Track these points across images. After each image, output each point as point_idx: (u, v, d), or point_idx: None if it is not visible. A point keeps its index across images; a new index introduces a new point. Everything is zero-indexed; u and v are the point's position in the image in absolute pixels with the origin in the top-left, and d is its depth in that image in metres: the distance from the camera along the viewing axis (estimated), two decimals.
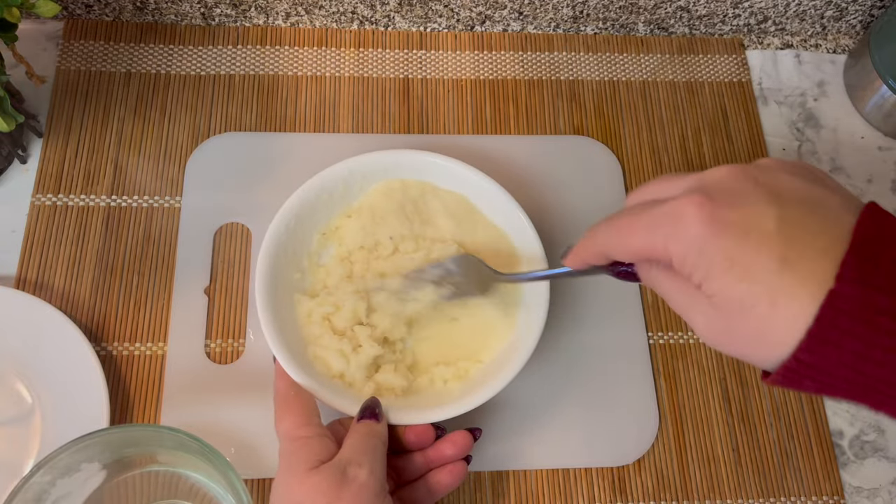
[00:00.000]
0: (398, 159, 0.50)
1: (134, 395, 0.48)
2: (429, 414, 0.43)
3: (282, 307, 0.46)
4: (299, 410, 0.40)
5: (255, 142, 0.56)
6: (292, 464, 0.38)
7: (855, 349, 0.24)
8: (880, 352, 0.24)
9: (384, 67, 0.60)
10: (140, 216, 0.53)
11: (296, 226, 0.48)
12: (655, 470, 0.50)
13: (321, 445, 0.39)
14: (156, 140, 0.56)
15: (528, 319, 0.47)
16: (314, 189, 0.48)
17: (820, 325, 0.24)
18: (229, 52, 0.59)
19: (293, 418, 0.40)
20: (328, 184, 0.49)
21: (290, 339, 0.44)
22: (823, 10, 0.62)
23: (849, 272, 0.24)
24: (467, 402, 0.44)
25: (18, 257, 0.51)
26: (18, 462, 0.45)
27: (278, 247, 0.47)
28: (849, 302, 0.24)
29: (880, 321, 0.24)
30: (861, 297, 0.24)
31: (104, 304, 0.51)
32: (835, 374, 0.25)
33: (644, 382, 0.51)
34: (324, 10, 0.59)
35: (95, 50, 0.58)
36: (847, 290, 0.24)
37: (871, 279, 0.24)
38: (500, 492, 0.48)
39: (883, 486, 0.50)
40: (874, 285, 0.24)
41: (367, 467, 0.37)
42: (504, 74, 0.61)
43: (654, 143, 0.59)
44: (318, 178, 0.49)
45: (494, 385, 0.44)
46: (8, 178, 0.54)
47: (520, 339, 0.46)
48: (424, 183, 0.51)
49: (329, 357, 0.45)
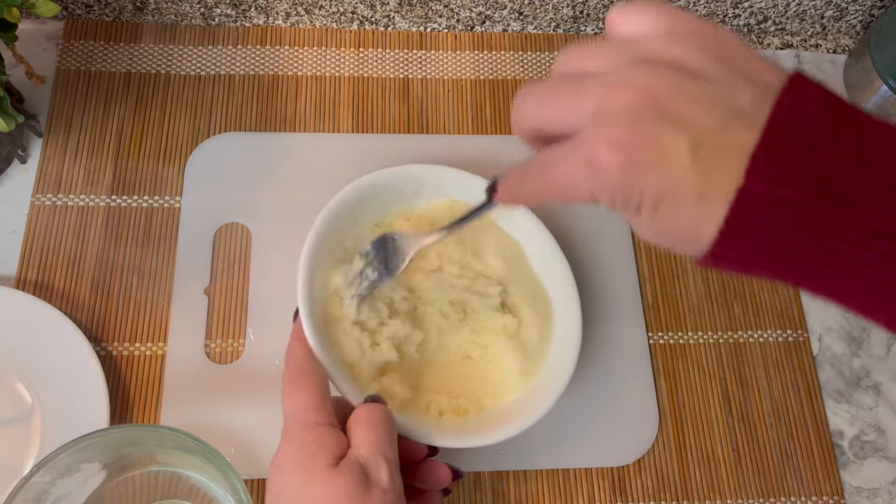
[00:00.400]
0: (474, 184, 0.49)
1: (134, 395, 0.48)
2: (422, 434, 0.42)
3: (317, 276, 0.44)
4: (314, 388, 0.37)
5: (255, 142, 0.56)
6: (308, 458, 0.35)
7: (764, 241, 0.25)
8: (788, 241, 0.25)
9: (384, 67, 0.60)
10: (140, 216, 0.53)
11: (357, 203, 0.47)
12: (655, 470, 0.50)
13: (334, 438, 0.36)
14: (156, 140, 0.56)
15: (544, 386, 0.45)
16: (392, 176, 0.48)
17: (729, 224, 0.25)
18: (229, 52, 0.59)
19: (305, 396, 0.37)
20: (404, 178, 0.48)
21: (315, 307, 0.42)
22: (823, 10, 0.62)
23: (758, 166, 0.24)
24: (457, 441, 0.43)
25: (18, 257, 0.51)
26: (18, 462, 0.45)
27: (339, 212, 0.45)
28: (756, 198, 0.24)
29: (783, 214, 0.24)
30: (766, 191, 0.24)
31: (104, 304, 0.51)
32: (751, 263, 0.26)
33: (644, 382, 0.51)
34: (324, 10, 0.59)
35: (95, 50, 0.58)
36: (755, 185, 0.24)
37: (778, 171, 0.24)
38: (500, 492, 0.48)
39: (883, 486, 0.50)
40: (780, 178, 0.24)
41: (386, 468, 0.35)
42: (504, 74, 0.61)
43: None
44: (400, 169, 0.48)
45: (486, 437, 0.43)
46: (8, 178, 0.54)
47: (528, 401, 0.45)
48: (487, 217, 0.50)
49: (347, 343, 0.44)
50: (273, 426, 0.47)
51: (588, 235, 0.54)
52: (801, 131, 0.24)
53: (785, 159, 0.24)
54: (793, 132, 0.24)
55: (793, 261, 0.25)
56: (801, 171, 0.24)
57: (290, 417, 0.37)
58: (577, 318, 0.47)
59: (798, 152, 0.24)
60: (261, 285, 0.51)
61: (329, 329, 0.44)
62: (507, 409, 0.45)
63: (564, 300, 0.48)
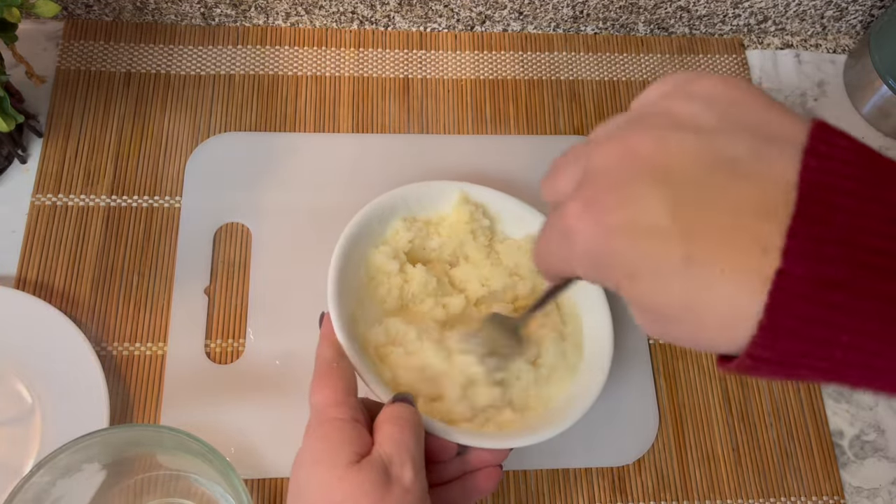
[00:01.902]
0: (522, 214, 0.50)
1: (134, 395, 0.48)
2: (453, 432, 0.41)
3: (350, 269, 0.44)
4: (337, 384, 0.37)
5: (255, 142, 0.56)
6: (328, 453, 0.34)
7: (816, 335, 0.20)
8: (846, 334, 0.20)
9: (384, 67, 0.60)
10: (140, 216, 0.53)
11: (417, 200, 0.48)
12: (655, 470, 0.50)
13: (356, 433, 0.35)
14: (156, 140, 0.56)
15: (583, 388, 0.45)
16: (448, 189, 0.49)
17: (771, 313, 0.20)
18: (229, 52, 0.59)
19: (329, 392, 0.36)
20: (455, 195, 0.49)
21: (344, 307, 0.42)
22: (823, 10, 0.62)
23: (796, 244, 0.20)
24: (494, 441, 0.41)
25: (18, 257, 0.51)
26: (18, 462, 0.45)
27: (370, 218, 0.46)
28: (801, 282, 0.20)
29: (834, 298, 0.20)
30: (809, 274, 0.20)
31: (104, 304, 0.51)
32: (798, 364, 0.21)
33: (644, 382, 0.51)
34: (324, 10, 0.59)
35: (95, 50, 0.58)
36: (797, 267, 0.20)
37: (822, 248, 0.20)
38: (500, 492, 0.48)
39: (883, 486, 0.50)
40: (825, 256, 0.20)
41: (410, 467, 0.34)
42: (504, 74, 0.61)
43: None
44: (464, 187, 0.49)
45: (526, 438, 0.42)
46: (8, 178, 0.54)
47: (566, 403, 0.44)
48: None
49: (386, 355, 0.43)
50: (273, 426, 0.48)
51: None
52: (841, 195, 0.20)
53: (827, 232, 0.20)
54: (831, 196, 0.20)
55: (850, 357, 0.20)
56: (849, 244, 0.20)
57: (314, 413, 0.37)
58: (606, 315, 0.47)
59: (841, 221, 0.20)
60: (261, 285, 0.51)
61: (357, 328, 0.43)
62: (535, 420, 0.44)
63: (599, 332, 0.47)
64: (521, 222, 0.50)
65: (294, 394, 0.48)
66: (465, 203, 0.49)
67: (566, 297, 0.48)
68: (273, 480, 0.47)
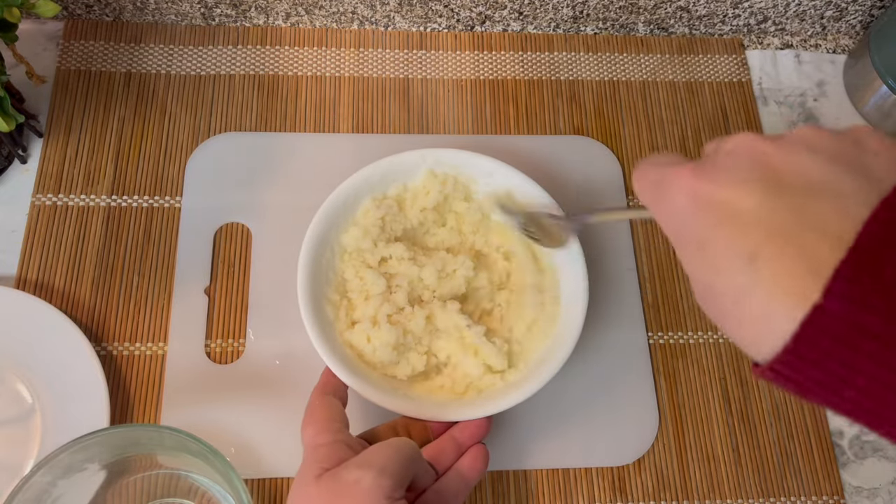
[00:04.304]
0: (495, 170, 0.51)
1: (134, 395, 0.48)
2: (447, 412, 0.44)
3: (322, 263, 0.47)
4: (320, 418, 0.40)
5: (255, 142, 0.56)
6: (301, 474, 0.37)
7: (835, 372, 0.21)
8: (863, 378, 0.21)
9: (384, 67, 0.60)
10: (140, 216, 0.53)
11: (381, 178, 0.50)
12: (655, 470, 0.50)
13: (331, 452, 0.38)
14: (156, 140, 0.56)
15: (550, 354, 0.46)
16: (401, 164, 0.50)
17: (798, 341, 0.21)
18: (229, 52, 0.59)
19: (314, 426, 0.40)
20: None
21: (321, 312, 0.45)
22: (823, 10, 0.62)
23: (839, 285, 0.21)
24: (474, 410, 0.44)
25: (18, 257, 0.51)
26: (18, 462, 0.45)
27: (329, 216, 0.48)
28: (834, 321, 0.21)
29: (864, 346, 0.21)
30: (846, 315, 0.21)
31: (104, 304, 0.51)
32: (813, 390, 0.22)
33: (644, 382, 0.51)
34: (324, 10, 0.59)
35: (95, 50, 0.58)
36: (834, 306, 0.21)
37: (865, 296, 0.21)
38: (500, 492, 0.48)
39: (883, 486, 0.50)
40: (866, 303, 0.21)
41: (375, 470, 0.35)
42: (504, 74, 0.61)
43: (654, 143, 0.59)
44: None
45: (500, 403, 0.44)
46: (8, 178, 0.54)
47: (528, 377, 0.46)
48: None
49: (353, 339, 0.46)
50: (273, 426, 0.48)
51: (588, 235, 0.54)
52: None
53: (874, 282, 0.21)
54: (886, 251, 0.21)
55: (863, 401, 0.22)
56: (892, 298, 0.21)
57: (304, 447, 0.40)
58: (582, 269, 0.48)
59: (890, 275, 0.21)
60: (261, 285, 0.51)
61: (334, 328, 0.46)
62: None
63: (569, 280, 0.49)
64: (491, 178, 0.51)
65: (294, 394, 0.48)
66: (433, 176, 0.51)
67: (542, 251, 0.50)
68: (273, 480, 0.47)
